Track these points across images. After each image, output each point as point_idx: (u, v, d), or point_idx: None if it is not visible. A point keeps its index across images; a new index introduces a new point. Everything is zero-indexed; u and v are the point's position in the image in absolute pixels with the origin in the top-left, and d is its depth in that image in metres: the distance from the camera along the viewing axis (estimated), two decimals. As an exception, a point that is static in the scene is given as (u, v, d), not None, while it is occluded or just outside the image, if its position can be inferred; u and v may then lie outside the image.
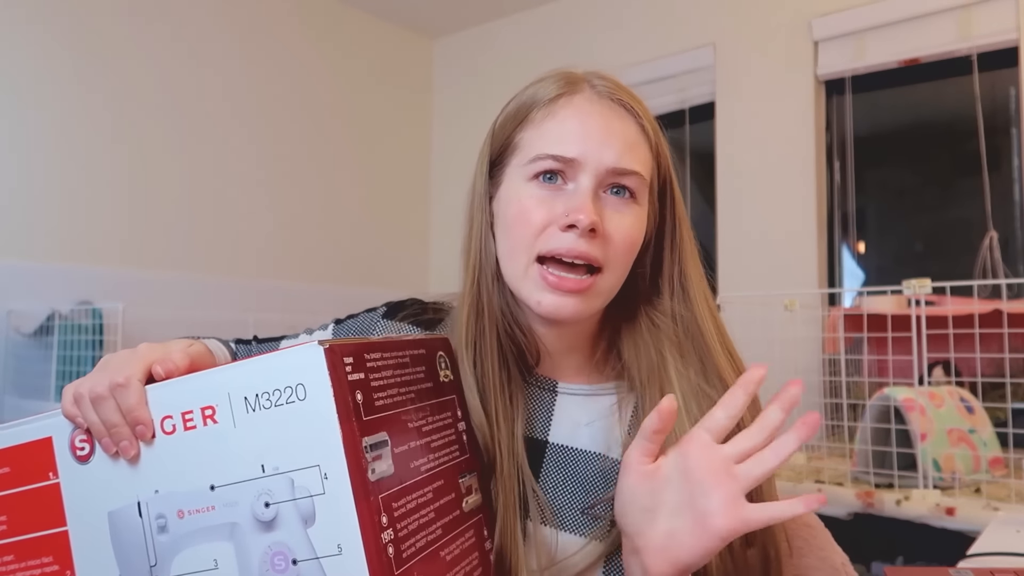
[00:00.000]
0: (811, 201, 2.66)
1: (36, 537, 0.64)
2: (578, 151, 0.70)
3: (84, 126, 2.59)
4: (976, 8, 2.39)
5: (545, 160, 0.71)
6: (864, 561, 1.70)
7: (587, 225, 0.68)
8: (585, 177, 0.70)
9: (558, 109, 0.73)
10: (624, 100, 0.75)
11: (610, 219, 0.71)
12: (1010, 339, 1.66)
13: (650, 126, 0.75)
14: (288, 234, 3.14)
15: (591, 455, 0.75)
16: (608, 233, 0.70)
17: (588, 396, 0.78)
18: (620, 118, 0.73)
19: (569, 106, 0.73)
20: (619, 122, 0.73)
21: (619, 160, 0.71)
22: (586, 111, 0.73)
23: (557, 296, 0.70)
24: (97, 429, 0.61)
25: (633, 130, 0.74)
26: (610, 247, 0.70)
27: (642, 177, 0.73)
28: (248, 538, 0.56)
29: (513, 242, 0.72)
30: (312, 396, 0.54)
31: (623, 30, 3.12)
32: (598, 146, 0.71)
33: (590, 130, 0.71)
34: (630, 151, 0.72)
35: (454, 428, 0.69)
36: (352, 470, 0.53)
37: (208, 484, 0.58)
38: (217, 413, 0.57)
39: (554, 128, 0.72)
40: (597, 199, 0.71)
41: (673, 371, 0.74)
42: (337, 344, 0.55)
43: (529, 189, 0.72)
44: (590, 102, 0.73)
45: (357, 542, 0.53)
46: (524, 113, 0.75)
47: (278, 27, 3.16)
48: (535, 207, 0.71)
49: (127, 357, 0.63)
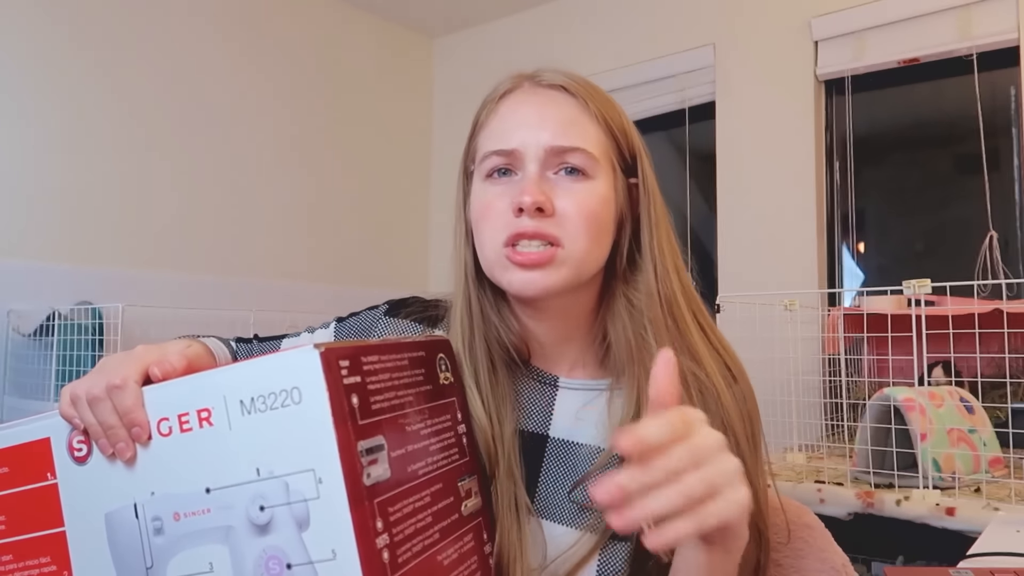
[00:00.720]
0: (811, 201, 2.66)
1: (34, 537, 0.64)
2: (516, 141, 0.74)
3: (84, 126, 2.58)
4: (976, 8, 2.39)
5: (491, 158, 0.75)
6: (864, 561, 1.70)
7: (531, 204, 0.70)
8: (530, 163, 0.73)
9: (500, 107, 0.77)
10: (561, 83, 0.76)
11: (561, 197, 0.72)
12: (1010, 339, 1.66)
13: (595, 104, 0.76)
14: (288, 234, 3.14)
15: (592, 449, 0.76)
16: (560, 210, 0.72)
17: (589, 391, 0.79)
18: (555, 101, 0.75)
19: (508, 102, 0.77)
20: (553, 105, 0.75)
21: (555, 139, 0.73)
22: (521, 102, 0.76)
23: (524, 272, 0.71)
24: (94, 430, 0.61)
25: (572, 109, 0.75)
26: (566, 222, 0.72)
27: (587, 152, 0.73)
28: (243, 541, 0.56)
29: (482, 238, 0.75)
30: (307, 400, 0.54)
31: (623, 30, 3.12)
32: (534, 131, 0.73)
33: (525, 118, 0.75)
34: (568, 128, 0.74)
35: (454, 431, 0.68)
36: (347, 474, 0.53)
37: (204, 487, 0.57)
38: (213, 415, 0.57)
39: (496, 126, 0.76)
40: (546, 181, 0.73)
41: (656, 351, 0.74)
42: (333, 347, 0.55)
43: (485, 188, 0.75)
44: (527, 94, 0.77)
45: (351, 547, 0.53)
46: (476, 118, 0.79)
47: (278, 26, 3.16)
48: (492, 201, 0.74)
49: (124, 359, 0.64)
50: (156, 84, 2.76)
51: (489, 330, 0.77)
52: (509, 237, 0.72)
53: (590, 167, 0.74)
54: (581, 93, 0.76)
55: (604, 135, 0.76)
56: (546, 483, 0.74)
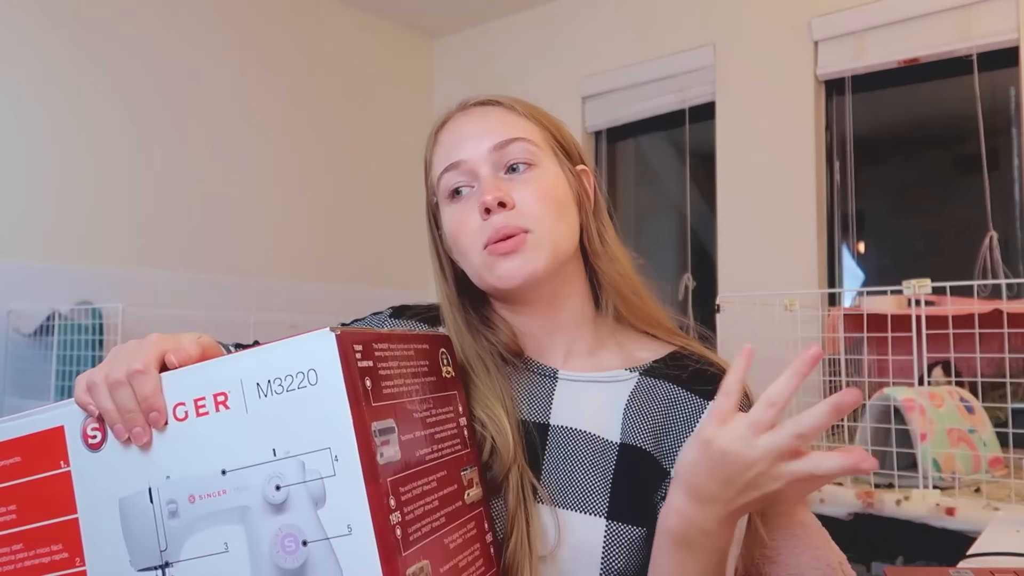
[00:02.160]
0: (811, 201, 2.66)
1: (46, 525, 0.65)
2: (462, 153, 0.80)
3: (84, 126, 2.59)
4: (976, 8, 2.39)
5: (444, 176, 0.80)
6: (864, 561, 1.70)
7: (493, 200, 0.75)
8: (480, 169, 0.79)
9: (439, 137, 0.84)
10: (488, 99, 0.84)
11: (518, 189, 0.78)
12: (1010, 339, 1.66)
13: (522, 108, 0.83)
14: (288, 234, 3.15)
15: (592, 436, 0.78)
16: (519, 200, 0.77)
17: (589, 383, 0.81)
18: (487, 113, 0.83)
19: (444, 129, 0.84)
20: (486, 116, 0.82)
21: (496, 137, 0.79)
22: (457, 124, 0.83)
23: (506, 261, 0.76)
24: (111, 416, 0.62)
25: (503, 115, 0.82)
26: (527, 208, 0.77)
27: (527, 140, 0.80)
28: (259, 521, 0.58)
29: (462, 251, 0.80)
30: (323, 381, 0.56)
31: (623, 30, 3.12)
32: (475, 140, 0.80)
33: (464, 133, 0.81)
34: (504, 127, 0.80)
35: (456, 422, 0.70)
36: (362, 452, 0.55)
37: (220, 469, 0.59)
38: (230, 399, 0.59)
39: (441, 151, 0.83)
40: (499, 180, 0.78)
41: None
42: (347, 331, 0.57)
43: (452, 208, 0.81)
44: (460, 116, 0.84)
45: (367, 521, 0.54)
46: (425, 160, 0.86)
47: (278, 26, 3.16)
48: (463, 216, 0.79)
49: (140, 345, 0.64)
50: (156, 84, 2.76)
51: (480, 343, 0.81)
52: (487, 240, 0.77)
53: (534, 156, 0.80)
54: (507, 102, 0.83)
55: (539, 128, 0.83)
56: (550, 470, 0.76)
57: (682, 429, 0.77)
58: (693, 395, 0.78)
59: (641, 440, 0.77)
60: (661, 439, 0.77)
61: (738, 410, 0.63)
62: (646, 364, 0.82)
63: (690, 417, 0.77)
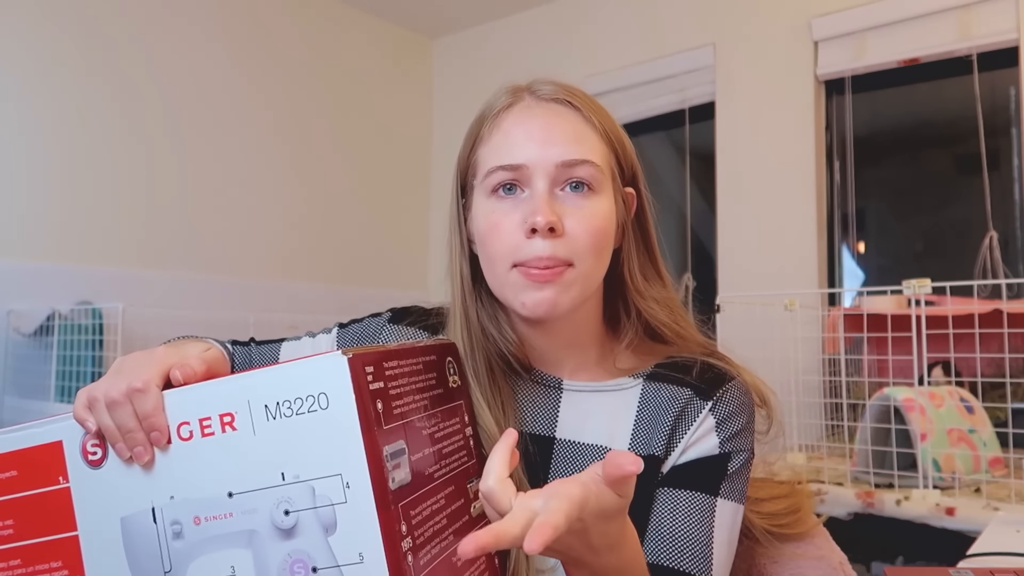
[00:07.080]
0: (811, 201, 2.66)
1: (45, 541, 0.64)
2: (525, 156, 0.73)
3: (84, 126, 2.59)
4: (976, 8, 2.39)
5: (496, 173, 0.74)
6: (864, 561, 1.70)
7: (545, 225, 0.70)
8: (538, 180, 0.73)
9: (502, 121, 0.77)
10: (564, 97, 0.77)
11: (570, 215, 0.73)
12: (1010, 339, 1.65)
13: (597, 117, 0.77)
14: (288, 234, 3.14)
15: (598, 448, 0.77)
16: (569, 230, 0.72)
17: (594, 392, 0.79)
18: (561, 115, 0.76)
19: (511, 116, 0.77)
20: (560, 119, 0.75)
21: (565, 154, 0.73)
22: (527, 116, 0.76)
23: (535, 291, 0.72)
24: (111, 434, 0.60)
25: (577, 124, 0.76)
26: (575, 242, 0.72)
27: (595, 165, 0.74)
28: (267, 545, 0.56)
29: (489, 256, 0.75)
30: (335, 405, 0.55)
31: (623, 30, 3.12)
32: (542, 146, 0.73)
33: (532, 133, 0.74)
34: (576, 143, 0.74)
35: (462, 433, 0.69)
36: (375, 479, 0.54)
37: (226, 491, 0.58)
38: (236, 420, 0.58)
39: (501, 140, 0.76)
40: (554, 199, 0.73)
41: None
42: (359, 353, 0.56)
43: (491, 204, 0.75)
44: (530, 107, 0.77)
45: (379, 551, 0.53)
46: (475, 132, 0.79)
47: (278, 26, 3.16)
48: (500, 219, 0.74)
49: (143, 360, 0.63)
50: (155, 85, 2.76)
51: (488, 343, 0.78)
52: (523, 260, 0.72)
53: (596, 181, 0.74)
54: (584, 106, 0.77)
55: (607, 147, 0.77)
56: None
57: (683, 429, 0.76)
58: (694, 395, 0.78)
59: (649, 447, 0.76)
60: (668, 442, 0.76)
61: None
62: (648, 368, 0.80)
63: (691, 417, 0.77)
